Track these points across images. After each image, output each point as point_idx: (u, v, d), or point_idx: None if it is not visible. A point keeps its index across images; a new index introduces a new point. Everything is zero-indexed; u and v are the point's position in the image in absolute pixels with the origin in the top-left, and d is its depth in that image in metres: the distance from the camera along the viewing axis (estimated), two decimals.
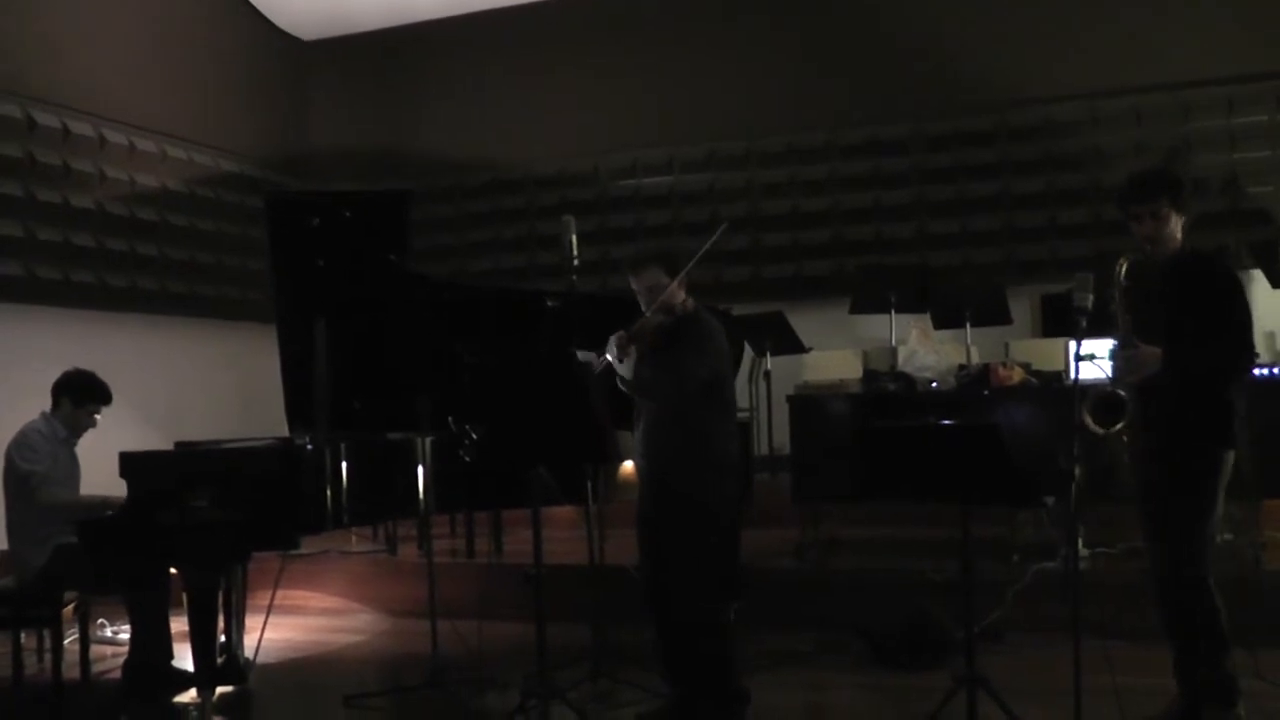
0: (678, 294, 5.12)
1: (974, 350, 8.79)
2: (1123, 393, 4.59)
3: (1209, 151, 9.99)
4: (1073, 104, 10.47)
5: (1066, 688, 4.54)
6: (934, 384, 7.64)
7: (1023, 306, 9.75)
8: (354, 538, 8.97)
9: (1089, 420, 4.59)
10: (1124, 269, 4.67)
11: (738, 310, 8.58)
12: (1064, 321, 8.69)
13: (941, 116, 10.84)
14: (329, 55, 12.61)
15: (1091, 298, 4.50)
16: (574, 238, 5.63)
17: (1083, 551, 7.11)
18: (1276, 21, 9.77)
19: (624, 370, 4.99)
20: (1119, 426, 4.59)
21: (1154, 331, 4.58)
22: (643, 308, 5.10)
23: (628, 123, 11.61)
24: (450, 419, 5.59)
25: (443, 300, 6.34)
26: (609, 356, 4.98)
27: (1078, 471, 4.36)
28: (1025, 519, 7.47)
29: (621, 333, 4.96)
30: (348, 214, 6.12)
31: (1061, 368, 7.90)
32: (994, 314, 9.07)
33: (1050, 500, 4.81)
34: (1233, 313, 4.57)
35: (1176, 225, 4.66)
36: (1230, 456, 4.61)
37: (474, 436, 5.39)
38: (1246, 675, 4.95)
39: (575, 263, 5.62)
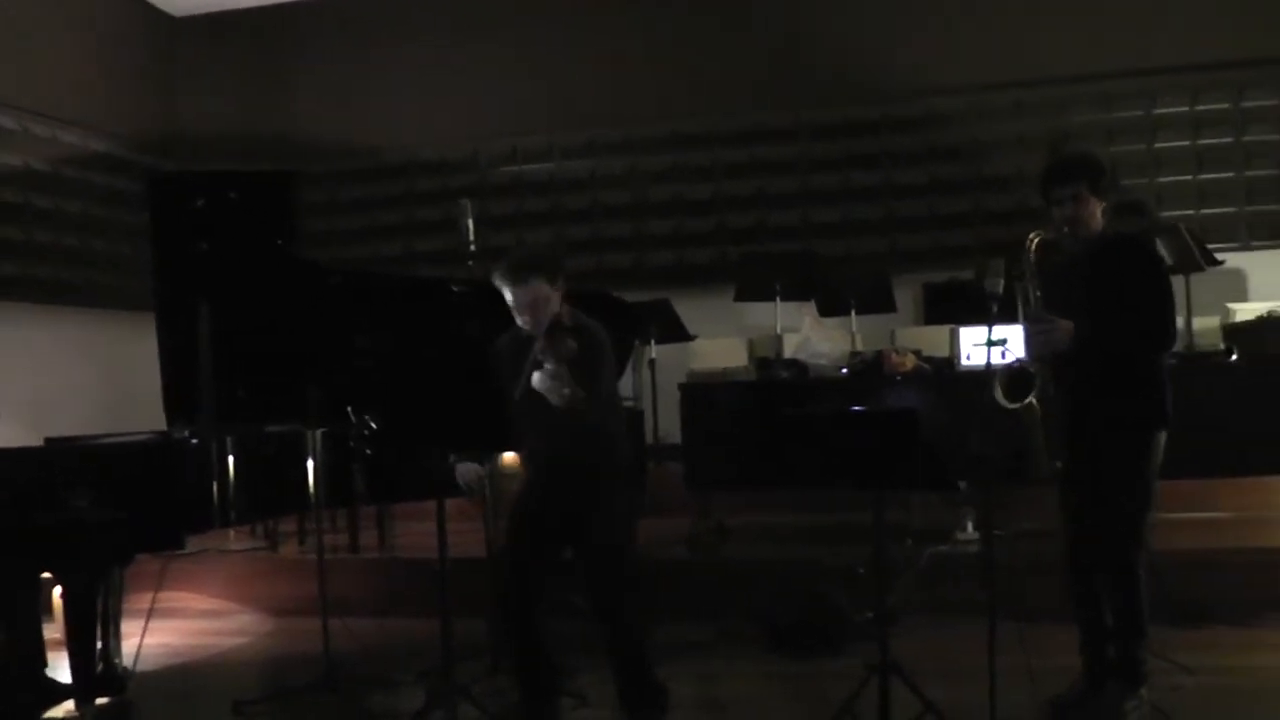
0: (558, 304, 4.81)
1: (859, 338, 8.88)
2: (1032, 367, 4.57)
3: (1087, 144, 9.97)
4: (954, 96, 10.61)
5: (969, 668, 4.55)
6: (844, 370, 7.64)
7: (906, 295, 9.89)
8: (233, 535, 8.65)
9: (1000, 397, 4.56)
10: (1034, 244, 4.66)
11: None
12: (948, 308, 9.23)
13: (825, 105, 10.88)
14: (201, 32, 12.19)
15: (1002, 283, 4.47)
16: (471, 222, 5.48)
17: (971, 534, 7.16)
18: (1153, 19, 10.04)
19: (564, 403, 4.65)
20: (1028, 400, 4.55)
21: (1061, 310, 4.57)
22: (520, 321, 4.79)
23: (508, 108, 11.46)
24: (349, 409, 5.37)
25: (340, 287, 6.11)
26: (555, 400, 4.64)
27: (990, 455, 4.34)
28: (918, 503, 7.48)
29: (554, 370, 4.60)
30: (234, 195, 5.86)
31: (948, 353, 7.90)
32: (879, 302, 9.18)
33: (963, 485, 4.79)
34: (1157, 292, 4.58)
35: (1096, 209, 4.66)
36: (1163, 437, 4.60)
37: (373, 426, 5.18)
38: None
39: (472, 247, 5.46)
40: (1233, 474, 7.23)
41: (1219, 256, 8.42)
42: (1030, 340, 4.59)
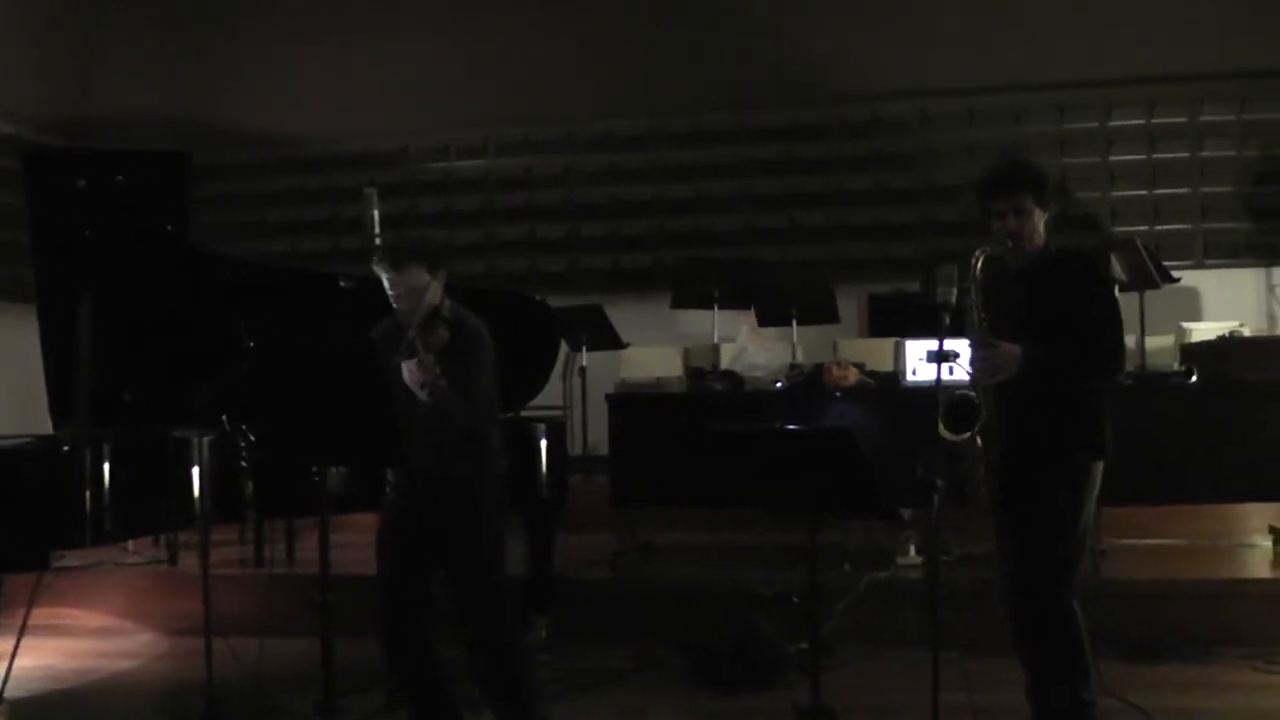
0: (439, 294, 4.55)
1: (799, 349, 8.60)
2: (976, 397, 4.20)
3: (1039, 155, 9.78)
4: (904, 101, 10.45)
5: (910, 706, 4.32)
6: (778, 384, 7.30)
7: (849, 305, 9.64)
8: (131, 545, 8.13)
9: (940, 426, 4.19)
10: (980, 263, 4.28)
11: (551, 303, 8.08)
12: (894, 321, 8.95)
13: (769, 108, 10.68)
14: (117, 14, 11.45)
15: (955, 292, 4.10)
16: (376, 213, 5.02)
17: (914, 558, 6.87)
18: (1109, 29, 9.81)
19: (429, 400, 4.34)
20: (972, 433, 4.20)
21: (1006, 332, 4.23)
22: (400, 310, 4.49)
23: (440, 102, 11.03)
24: (224, 417, 4.90)
25: (224, 278, 5.63)
26: (411, 385, 4.31)
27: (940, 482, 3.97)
28: (857, 524, 7.15)
29: (419, 360, 4.29)
30: (120, 177, 5.37)
31: (892, 368, 7.70)
32: (822, 312, 8.90)
33: (907, 513, 4.42)
34: (1102, 313, 4.27)
35: (1040, 221, 4.32)
36: (1099, 468, 4.30)
37: (251, 438, 4.72)
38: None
39: (377, 241, 5.00)
40: (1191, 501, 6.94)
41: (1174, 274, 8.19)
42: (974, 365, 4.24)
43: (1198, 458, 6.42)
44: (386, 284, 4.48)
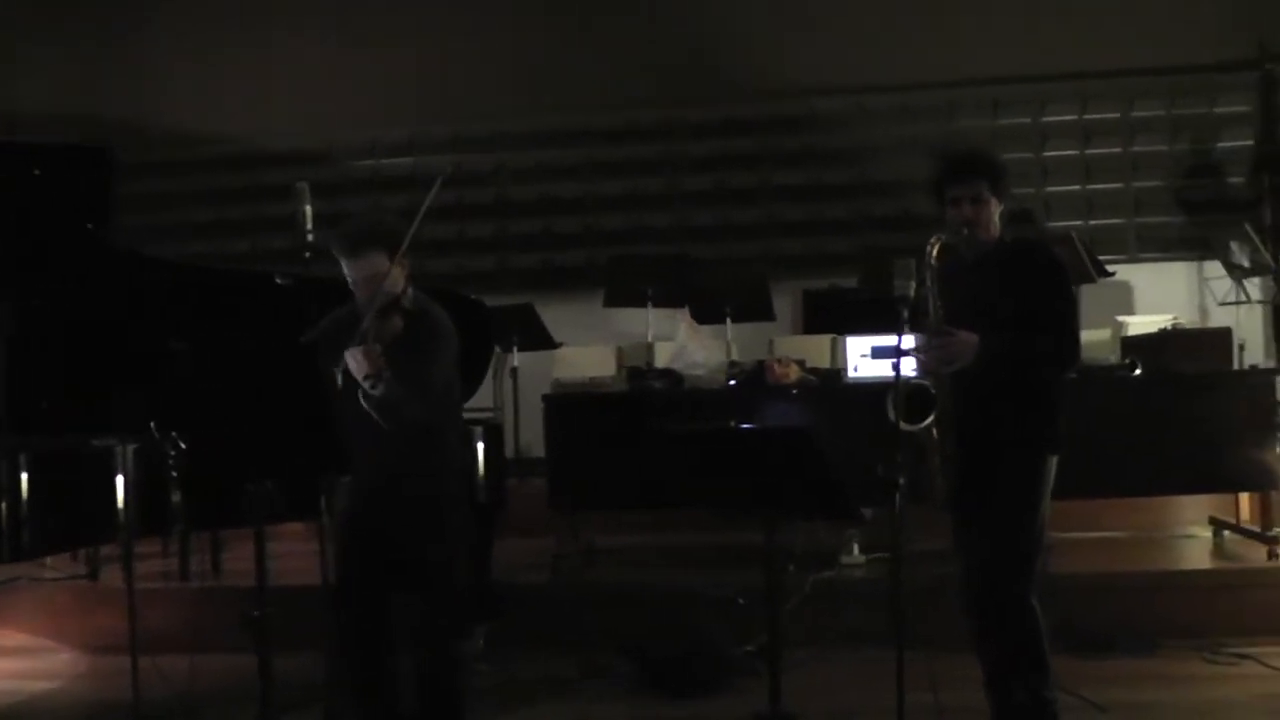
0: (399, 281, 4.35)
1: (734, 347, 8.51)
2: (931, 386, 4.11)
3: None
4: (838, 97, 10.35)
5: (865, 707, 4.38)
6: (731, 381, 7.19)
7: (784, 302, 9.52)
8: (49, 561, 7.82)
9: (896, 416, 4.10)
10: (935, 251, 4.19)
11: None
12: (832, 317, 8.89)
13: (702, 103, 10.53)
14: (34, 9, 11.18)
15: (914, 285, 4.01)
16: (308, 208, 4.84)
17: (858, 557, 6.80)
18: (1042, 24, 9.83)
19: (374, 392, 4.09)
20: (928, 422, 4.12)
21: (962, 322, 4.16)
22: (359, 298, 4.30)
23: (366, 99, 10.77)
24: (151, 425, 4.67)
25: (150, 278, 5.39)
26: (356, 375, 4.09)
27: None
28: (800, 526, 7.04)
29: (366, 349, 4.07)
30: (37, 172, 5.13)
31: (829, 364, 7.66)
32: (757, 309, 8.86)
33: (869, 513, 4.32)
34: (1062, 305, 4.24)
35: (996, 211, 4.28)
36: (1054, 462, 4.24)
37: (181, 446, 4.50)
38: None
39: (310, 238, 4.81)
40: (1136, 493, 6.97)
41: (1108, 268, 8.21)
42: (928, 354, 4.16)
43: (1142, 450, 6.41)
44: (345, 269, 4.30)
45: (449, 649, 4.45)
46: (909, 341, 4.06)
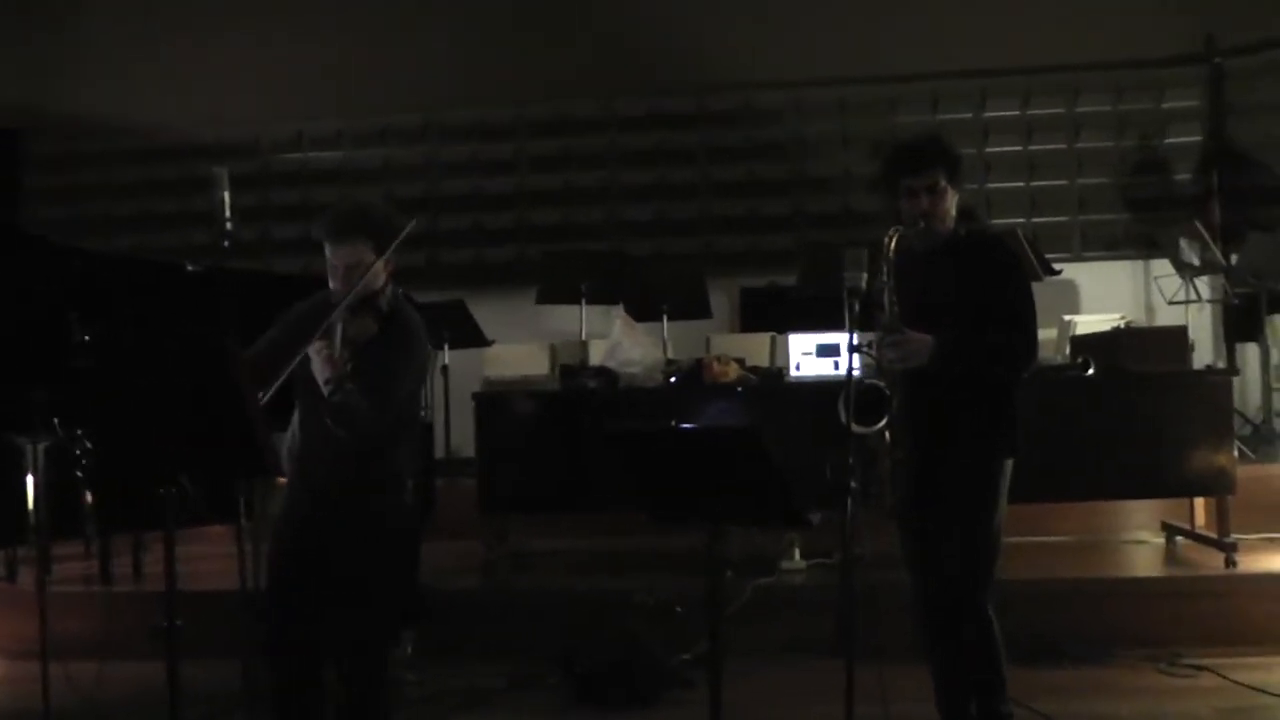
0: (380, 278, 4.04)
1: (670, 345, 8.37)
2: (885, 386, 3.88)
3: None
4: (776, 91, 10.29)
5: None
6: (671, 379, 6.94)
7: (721, 300, 9.47)
8: None
9: (847, 418, 3.86)
10: (893, 243, 3.96)
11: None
12: (772, 315, 8.75)
13: (638, 96, 10.49)
14: None
15: (865, 276, 3.77)
16: (226, 195, 4.55)
17: (798, 563, 6.59)
18: (984, 18, 9.67)
19: (337, 399, 3.81)
20: (881, 425, 3.88)
21: (914, 317, 3.96)
22: (333, 285, 4.00)
23: (294, 90, 10.53)
24: (56, 422, 4.34)
25: (57, 266, 5.06)
26: (316, 376, 3.80)
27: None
28: (737, 530, 6.85)
29: (330, 346, 3.80)
30: None
31: (768, 363, 7.62)
32: (693, 307, 8.79)
33: (817, 518, 4.08)
34: (1020, 301, 4.02)
35: (952, 202, 4.06)
36: (1010, 465, 4.05)
37: (87, 445, 4.17)
38: None
39: (229, 225, 4.52)
40: (1085, 498, 6.79)
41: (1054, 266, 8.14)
42: (882, 353, 3.95)
43: (1094, 452, 6.24)
44: (327, 254, 4.02)
45: (380, 664, 4.17)
46: (860, 338, 3.81)
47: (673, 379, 6.85)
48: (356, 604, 4.03)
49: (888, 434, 3.92)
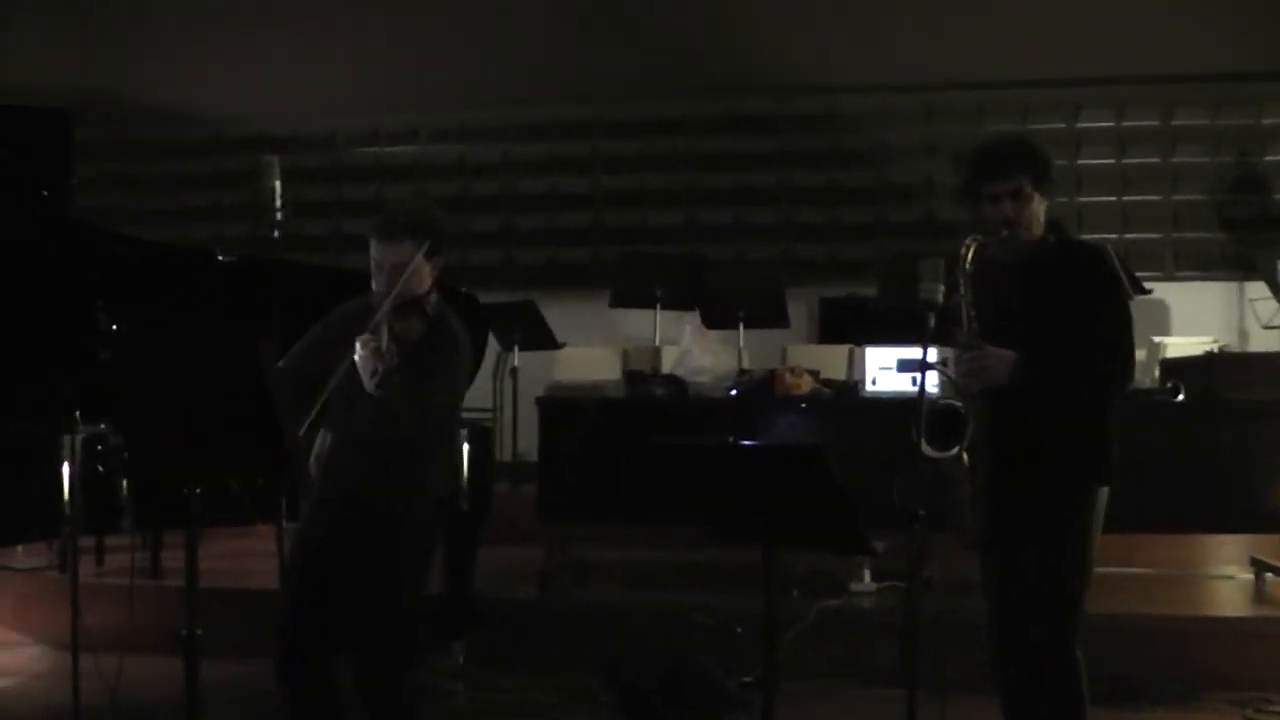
0: (426, 282, 4.00)
1: (745, 354, 8.21)
2: (962, 408, 3.65)
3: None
4: (861, 95, 10.05)
5: None
6: (732, 390, 6.80)
7: (799, 309, 9.24)
8: (20, 550, 7.43)
9: (922, 443, 3.63)
10: (970, 253, 3.72)
11: (484, 298, 7.63)
12: (851, 326, 8.57)
13: (718, 97, 10.23)
14: None
15: (942, 289, 3.56)
16: (278, 184, 4.44)
17: (869, 584, 6.40)
18: (1076, 28, 9.50)
19: (373, 390, 3.74)
20: (959, 449, 3.66)
21: (997, 333, 3.72)
22: (376, 285, 3.94)
23: (370, 84, 10.48)
24: (77, 414, 4.24)
25: (102, 254, 4.97)
26: (360, 367, 3.72)
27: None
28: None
29: (378, 339, 3.72)
30: None
31: (844, 376, 7.41)
32: (771, 315, 8.60)
33: (882, 546, 3.87)
34: (1116, 315, 3.76)
35: (1039, 210, 3.81)
36: (1105, 494, 3.80)
37: (111, 440, 4.06)
38: None
39: (279, 215, 4.42)
40: (1173, 530, 6.53)
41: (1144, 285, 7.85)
42: (959, 371, 3.72)
43: (1184, 482, 6.03)
44: (373, 252, 3.97)
45: (396, 675, 4.04)
46: (935, 355, 3.59)
47: (733, 390, 6.70)
48: (369, 609, 3.96)
49: (966, 457, 3.69)
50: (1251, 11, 9.21)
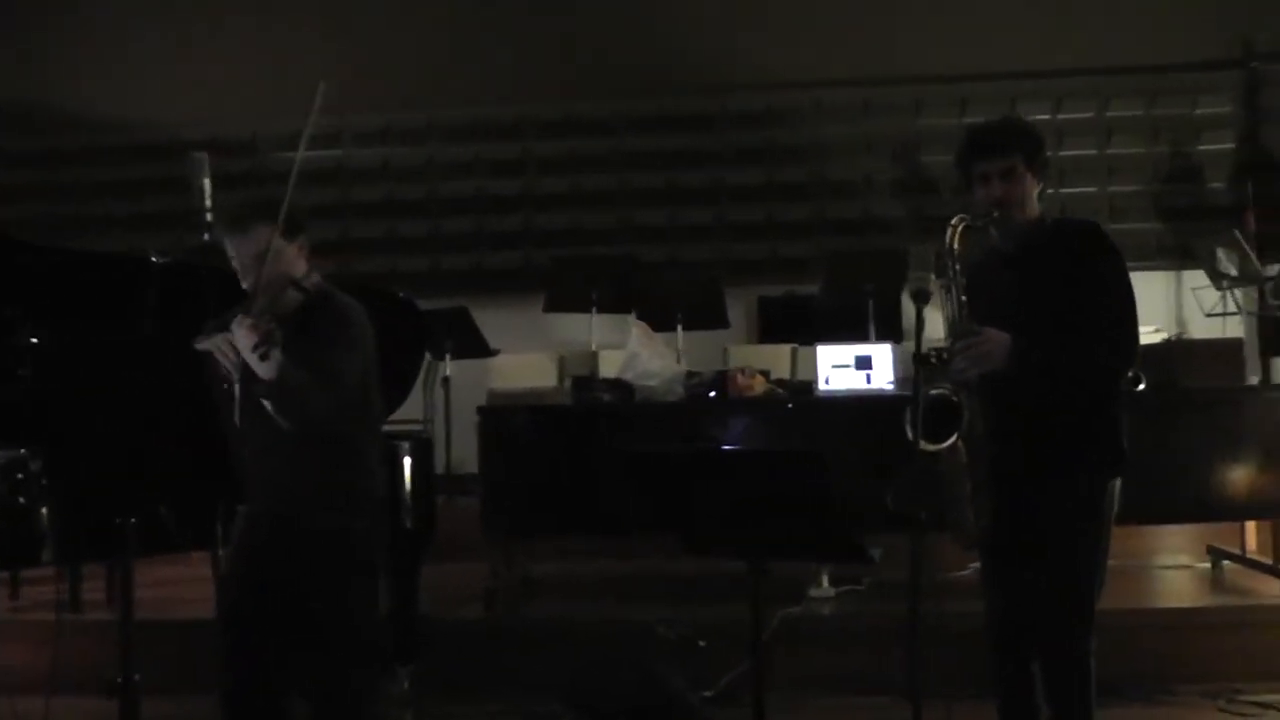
0: (298, 263, 3.74)
1: (684, 356, 8.01)
2: (954, 396, 3.49)
3: (939, 151, 9.52)
4: (796, 92, 10.03)
5: None
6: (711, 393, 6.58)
7: (738, 309, 9.23)
8: None
9: (915, 434, 3.46)
10: (958, 232, 3.57)
11: None
12: (786, 325, 8.48)
13: (651, 96, 10.15)
14: None
15: (932, 276, 3.38)
16: (207, 181, 4.16)
17: (826, 590, 6.23)
18: (1011, 21, 9.45)
19: (266, 370, 3.44)
20: (951, 440, 3.51)
21: (993, 319, 3.59)
22: (245, 284, 3.66)
23: (291, 86, 9.98)
24: None
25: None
26: (244, 352, 3.42)
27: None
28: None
29: (251, 317, 3.44)
30: None
31: (789, 375, 7.44)
32: (710, 316, 8.51)
33: (876, 554, 3.67)
34: (1120, 297, 3.63)
35: (1032, 189, 3.72)
36: (1117, 486, 3.68)
37: (30, 468, 3.74)
38: None
39: (209, 215, 4.14)
40: (1137, 522, 6.33)
41: None
42: (954, 358, 3.55)
43: (1145, 472, 5.76)
44: (231, 253, 3.70)
45: (350, 709, 3.78)
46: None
47: (696, 393, 6.52)
48: (314, 638, 3.70)
49: (963, 451, 3.54)
50: (1185, 3, 9.25)
